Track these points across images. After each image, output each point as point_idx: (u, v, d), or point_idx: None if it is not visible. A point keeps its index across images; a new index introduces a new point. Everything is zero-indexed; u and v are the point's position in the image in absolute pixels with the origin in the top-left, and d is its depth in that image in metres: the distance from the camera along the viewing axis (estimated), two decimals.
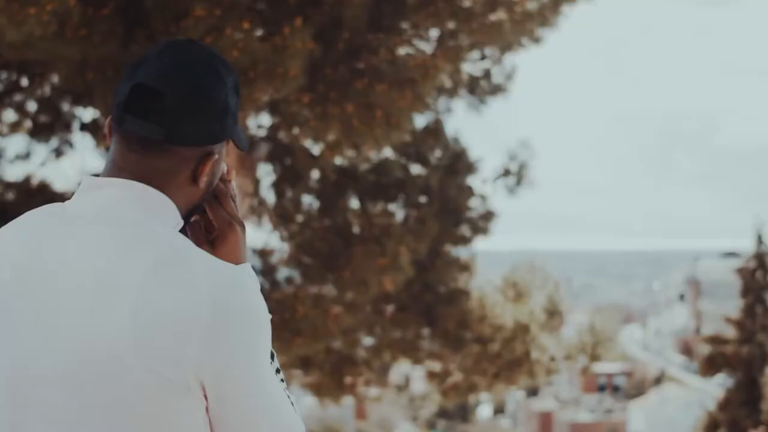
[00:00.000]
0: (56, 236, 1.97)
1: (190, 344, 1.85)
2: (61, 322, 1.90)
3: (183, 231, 2.11)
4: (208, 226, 2.21)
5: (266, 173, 14.84)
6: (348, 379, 16.15)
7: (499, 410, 73.29)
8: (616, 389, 72.76)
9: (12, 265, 1.98)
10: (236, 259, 2.18)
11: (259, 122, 14.28)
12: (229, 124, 2.08)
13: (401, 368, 20.06)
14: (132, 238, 1.92)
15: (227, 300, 1.88)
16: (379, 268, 12.81)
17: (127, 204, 1.98)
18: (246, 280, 1.95)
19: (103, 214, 1.97)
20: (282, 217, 14.51)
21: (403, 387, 60.20)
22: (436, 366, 16.60)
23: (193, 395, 1.89)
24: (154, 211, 2.00)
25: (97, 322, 1.87)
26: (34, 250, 1.98)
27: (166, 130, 1.99)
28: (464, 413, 65.45)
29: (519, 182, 15.35)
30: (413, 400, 60.02)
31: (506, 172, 15.39)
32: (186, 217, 2.10)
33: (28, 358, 1.92)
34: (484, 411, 71.72)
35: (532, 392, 69.16)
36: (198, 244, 2.17)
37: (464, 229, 15.33)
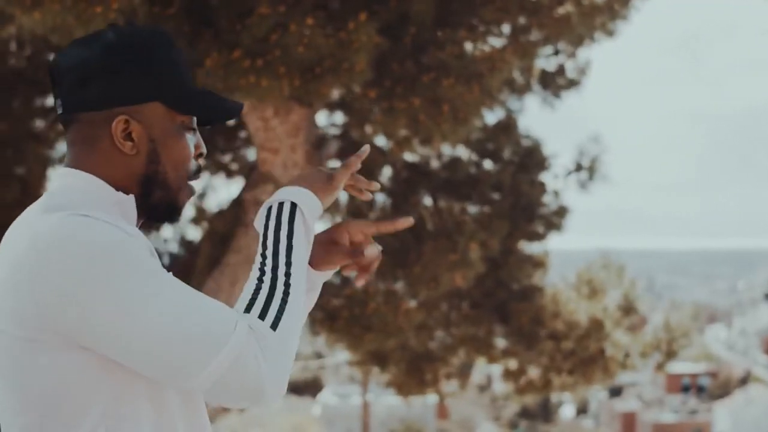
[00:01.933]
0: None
1: (23, 299, 1.88)
2: None
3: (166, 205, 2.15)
4: None
5: None
6: (428, 375, 16.16)
7: (581, 410, 72.79)
8: (700, 390, 71.78)
9: None
10: (296, 183, 2.26)
11: (333, 120, 14.38)
12: (135, 87, 2.07)
13: (483, 368, 20.03)
14: (22, 220, 2.02)
15: (42, 250, 1.88)
16: (449, 264, 12.78)
17: (51, 189, 2.09)
18: (65, 224, 1.90)
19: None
20: (354, 215, 14.55)
21: (484, 387, 60.27)
22: (511, 364, 16.54)
23: (54, 349, 1.90)
24: (70, 191, 2.05)
25: None
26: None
27: (62, 100, 2.10)
28: (547, 413, 65.14)
29: (591, 177, 15.22)
30: (495, 399, 59.88)
31: (578, 168, 15.28)
32: (145, 193, 2.11)
33: None
34: (567, 411, 71.31)
35: (615, 392, 68.62)
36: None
37: (537, 226, 15.24)
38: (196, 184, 2.23)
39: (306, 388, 66.35)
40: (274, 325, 1.96)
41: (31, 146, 12.95)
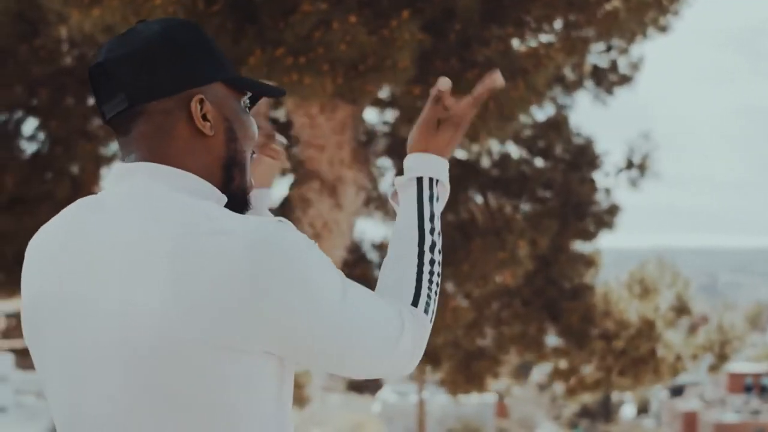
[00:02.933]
0: (89, 226, 1.96)
1: (237, 308, 1.80)
2: (101, 306, 1.88)
3: None
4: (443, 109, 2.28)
5: (388, 168, 14.92)
6: (479, 374, 16.12)
7: (642, 410, 72.29)
8: (763, 390, 70.81)
9: (49, 260, 2.00)
10: (445, 152, 2.27)
11: (384, 117, 14.36)
12: (202, 67, 2.02)
13: (543, 367, 19.94)
14: (158, 212, 1.89)
15: (264, 255, 1.81)
16: (498, 262, 12.74)
17: (154, 184, 1.96)
18: (277, 229, 1.85)
19: (131, 197, 1.95)
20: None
21: (544, 386, 60.06)
22: (562, 363, 16.44)
23: (252, 358, 1.85)
24: (180, 187, 1.96)
25: (136, 301, 1.84)
26: (66, 242, 1.98)
27: (125, 93, 1.97)
28: (607, 413, 64.80)
29: (642, 175, 15.07)
30: (555, 399, 59.67)
31: (629, 165, 15.13)
32: (228, 178, 2.05)
33: (79, 346, 1.92)
34: (628, 411, 70.87)
35: (677, 392, 68.02)
36: (429, 122, 2.27)
37: (588, 224, 15.13)
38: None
39: (366, 386, 66.45)
40: (431, 319, 2.06)
41: (83, 145, 13.06)
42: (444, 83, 2.26)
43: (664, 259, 17.53)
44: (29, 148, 13.70)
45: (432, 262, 2.10)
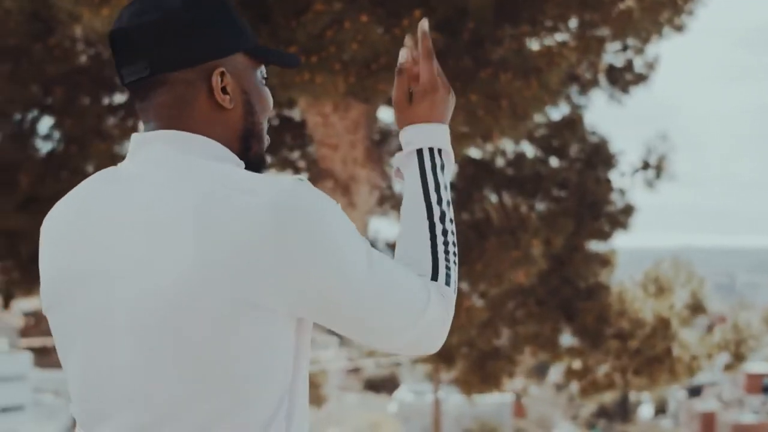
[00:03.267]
0: (106, 195, 1.96)
1: (262, 265, 1.80)
2: (121, 272, 1.88)
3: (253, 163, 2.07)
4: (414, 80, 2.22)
5: None
6: (493, 373, 16.11)
7: (660, 410, 72.14)
8: None
9: (66, 233, 2.00)
10: (434, 117, 2.19)
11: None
12: (225, 37, 2.01)
13: (561, 367, 19.96)
14: (179, 175, 1.89)
15: (289, 214, 1.81)
16: (512, 261, 12.71)
17: (172, 150, 1.95)
18: (301, 188, 1.85)
19: (150, 163, 1.94)
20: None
21: (562, 386, 60.03)
22: (575, 363, 16.40)
23: (274, 317, 1.84)
24: (200, 152, 1.95)
25: (158, 264, 1.84)
26: (82, 213, 1.98)
27: (147, 61, 1.96)
28: (625, 413, 64.68)
29: (658, 176, 15.02)
30: (572, 398, 59.61)
31: (645, 166, 15.09)
32: (245, 148, 2.05)
33: (100, 313, 1.92)
34: (645, 411, 70.73)
35: (695, 392, 67.87)
36: (399, 96, 2.21)
37: (603, 224, 15.10)
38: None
39: (383, 385, 66.55)
40: (454, 290, 2.04)
41: (97, 143, 13.07)
42: (402, 56, 2.20)
43: (678, 258, 17.47)
44: (44, 147, 13.72)
45: (444, 232, 2.08)
